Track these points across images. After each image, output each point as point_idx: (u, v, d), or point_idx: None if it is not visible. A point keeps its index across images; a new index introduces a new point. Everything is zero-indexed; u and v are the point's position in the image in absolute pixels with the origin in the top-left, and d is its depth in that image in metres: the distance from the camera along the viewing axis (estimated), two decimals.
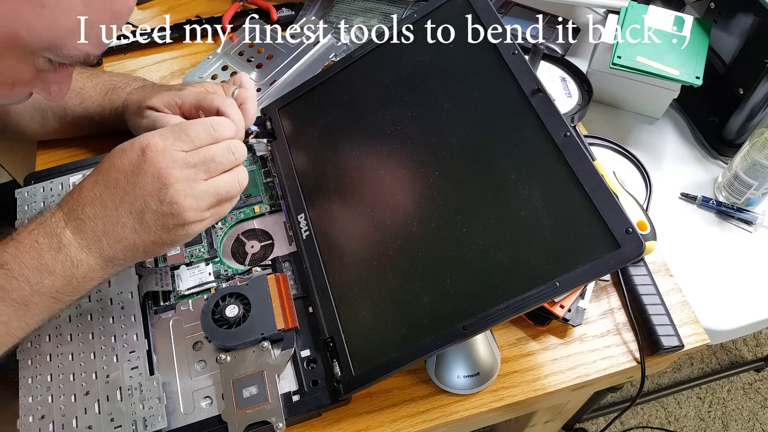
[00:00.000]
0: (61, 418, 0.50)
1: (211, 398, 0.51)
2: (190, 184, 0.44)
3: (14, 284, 0.44)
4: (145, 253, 0.46)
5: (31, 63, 0.42)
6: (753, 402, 1.34)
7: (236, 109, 0.55)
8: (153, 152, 0.44)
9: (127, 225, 0.45)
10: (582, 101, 0.73)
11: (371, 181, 0.56)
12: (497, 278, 0.46)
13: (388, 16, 0.82)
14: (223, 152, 0.47)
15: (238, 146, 0.48)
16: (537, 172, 0.47)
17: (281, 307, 0.53)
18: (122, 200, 0.44)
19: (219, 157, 0.46)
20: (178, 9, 0.88)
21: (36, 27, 0.39)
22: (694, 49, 0.70)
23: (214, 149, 0.46)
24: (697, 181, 0.73)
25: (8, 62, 0.41)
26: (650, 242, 0.58)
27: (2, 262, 0.44)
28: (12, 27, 0.38)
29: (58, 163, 0.67)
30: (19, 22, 0.38)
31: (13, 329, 0.45)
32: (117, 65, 0.81)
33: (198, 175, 0.45)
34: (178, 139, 0.45)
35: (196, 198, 0.45)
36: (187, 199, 0.44)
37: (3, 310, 0.44)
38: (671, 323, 0.56)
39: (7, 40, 0.39)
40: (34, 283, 0.44)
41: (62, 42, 0.41)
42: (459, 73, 0.55)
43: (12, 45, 0.39)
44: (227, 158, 0.47)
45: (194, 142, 0.46)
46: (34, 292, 0.44)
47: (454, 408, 0.53)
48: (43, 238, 0.45)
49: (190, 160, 0.45)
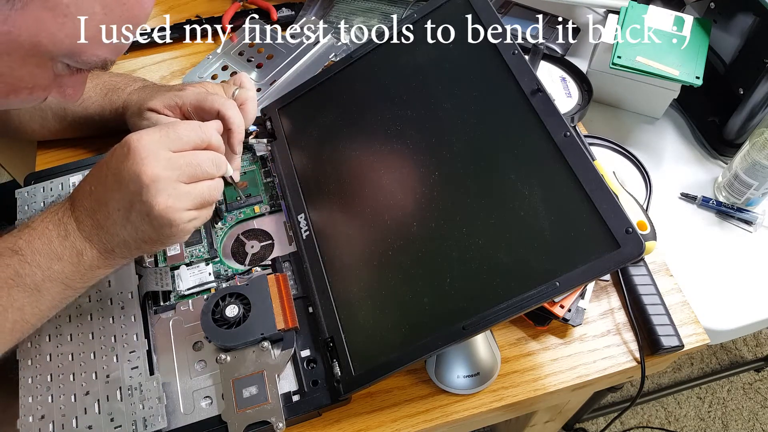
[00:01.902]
0: (61, 418, 0.50)
1: (211, 398, 0.51)
2: (172, 184, 0.44)
3: (27, 269, 0.45)
4: (139, 249, 0.47)
5: (50, 68, 0.43)
6: (753, 402, 1.34)
7: (237, 110, 0.55)
8: (138, 151, 0.44)
9: (117, 222, 0.45)
10: (582, 101, 0.73)
11: (371, 181, 0.56)
12: (497, 278, 0.46)
13: (388, 16, 0.82)
14: (208, 161, 0.47)
15: (222, 161, 0.48)
16: (537, 172, 0.47)
17: (281, 307, 0.53)
18: (111, 197, 0.45)
19: (204, 165, 0.46)
20: (178, 9, 0.88)
21: (57, 35, 0.40)
22: (694, 49, 0.70)
23: (201, 156, 0.46)
24: (697, 181, 0.73)
25: (29, 68, 0.42)
26: (650, 242, 0.58)
27: (17, 248, 0.45)
28: (34, 35, 0.39)
29: (58, 163, 0.67)
30: (42, 31, 0.39)
31: (27, 315, 0.46)
32: (117, 65, 0.80)
33: (181, 178, 0.45)
34: (166, 139, 0.45)
35: (177, 198, 0.45)
36: (169, 199, 0.44)
37: (17, 296, 0.45)
38: (671, 323, 0.56)
39: (29, 48, 0.40)
40: (45, 268, 0.45)
41: (81, 49, 0.42)
42: (459, 73, 0.55)
43: (34, 52, 0.40)
44: (211, 168, 0.47)
45: (181, 143, 0.46)
46: (45, 277, 0.46)
47: (454, 408, 0.53)
48: (53, 225, 0.46)
49: (175, 161, 0.45)
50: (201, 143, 0.47)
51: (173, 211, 0.44)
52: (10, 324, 0.46)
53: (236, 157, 0.56)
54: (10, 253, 0.45)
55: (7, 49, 0.39)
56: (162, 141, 0.45)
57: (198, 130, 0.47)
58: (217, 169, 0.48)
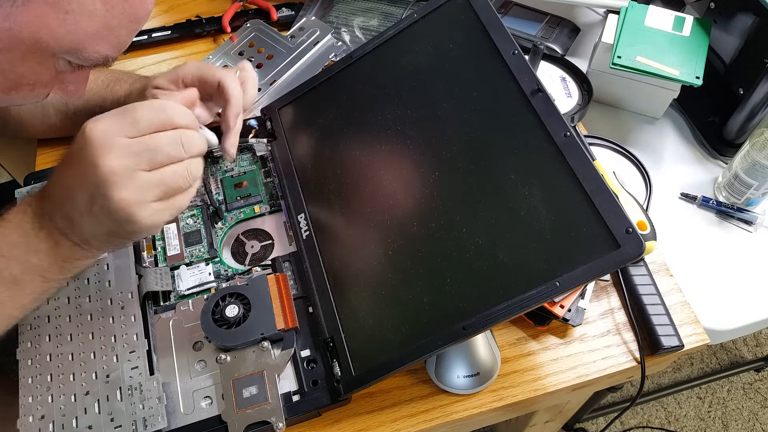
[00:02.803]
0: (61, 418, 0.50)
1: (211, 398, 0.51)
2: (129, 174, 0.40)
3: (3, 263, 0.44)
4: (109, 243, 0.45)
5: (52, 65, 0.43)
6: (753, 402, 1.34)
7: (237, 83, 0.54)
8: (93, 140, 0.40)
9: (83, 214, 0.42)
10: (582, 101, 0.73)
11: (371, 181, 0.56)
12: (497, 278, 0.46)
13: (388, 16, 0.82)
14: (171, 142, 0.42)
15: (192, 137, 0.44)
16: (537, 172, 0.47)
17: (281, 307, 0.53)
18: (75, 188, 0.42)
19: (165, 147, 0.42)
20: (178, 9, 0.88)
21: (58, 32, 0.40)
22: (694, 49, 0.70)
23: (161, 138, 0.42)
24: (697, 181, 0.73)
25: (30, 64, 0.41)
26: (650, 242, 0.58)
27: None
28: (36, 32, 0.39)
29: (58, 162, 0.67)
30: (43, 28, 0.39)
31: (8, 309, 0.45)
32: (117, 65, 0.80)
33: (139, 165, 0.41)
34: (122, 123, 0.41)
35: (137, 190, 0.41)
36: (127, 192, 0.40)
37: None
38: (671, 323, 0.56)
39: (30, 45, 0.40)
40: (23, 261, 0.44)
41: (83, 46, 0.42)
42: (459, 73, 0.55)
43: (35, 49, 0.40)
44: (175, 150, 0.42)
45: (139, 127, 0.41)
46: (23, 271, 0.44)
47: (454, 408, 0.53)
48: (28, 217, 0.44)
49: (132, 148, 0.41)
50: (162, 124, 0.42)
51: (133, 204, 0.41)
52: None
53: (232, 132, 0.53)
54: None
55: (9, 46, 0.39)
56: (118, 126, 0.41)
57: (158, 110, 0.42)
58: (185, 148, 0.43)
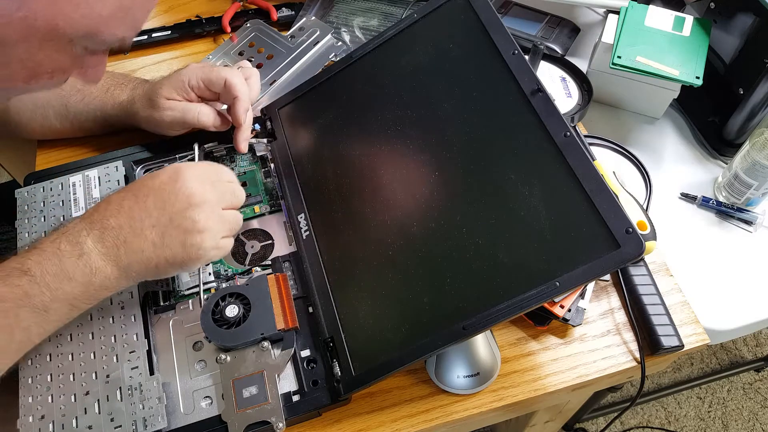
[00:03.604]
0: (61, 418, 0.50)
1: (211, 398, 0.51)
2: (214, 208, 0.49)
3: (36, 290, 0.46)
4: (157, 269, 0.49)
5: (69, 51, 0.42)
6: (753, 402, 1.34)
7: (242, 78, 0.59)
8: (188, 175, 0.49)
9: (147, 238, 0.47)
10: (582, 101, 0.73)
11: (371, 181, 0.56)
12: (497, 278, 0.46)
13: (388, 16, 0.82)
14: (239, 191, 0.53)
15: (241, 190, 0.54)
16: (537, 172, 0.47)
17: (281, 307, 0.53)
18: (149, 215, 0.47)
19: (237, 193, 0.53)
20: (178, 9, 0.88)
21: (73, 17, 0.39)
22: (694, 49, 0.70)
23: (234, 186, 0.53)
24: (697, 181, 0.73)
25: (48, 52, 0.41)
26: (650, 242, 0.58)
27: (26, 268, 0.46)
28: (51, 19, 0.39)
29: (59, 163, 0.67)
30: (58, 14, 0.39)
31: (32, 335, 0.47)
32: (117, 65, 0.81)
33: (221, 203, 0.50)
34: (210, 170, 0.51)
35: (217, 221, 0.49)
36: (210, 221, 0.48)
37: (25, 316, 0.46)
38: (671, 323, 0.56)
39: (46, 32, 0.39)
40: (54, 288, 0.46)
41: (99, 29, 0.41)
42: (459, 73, 0.55)
43: (51, 36, 0.40)
44: (238, 198, 0.53)
45: (220, 176, 0.52)
46: (53, 298, 0.46)
47: (454, 408, 0.53)
48: (65, 245, 0.47)
49: (218, 188, 0.50)
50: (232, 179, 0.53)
51: (211, 231, 0.49)
52: (15, 345, 0.47)
53: (243, 127, 0.60)
54: (19, 274, 0.45)
55: (25, 35, 0.39)
56: (208, 172, 0.51)
57: (230, 173, 0.53)
58: (239, 199, 0.53)
